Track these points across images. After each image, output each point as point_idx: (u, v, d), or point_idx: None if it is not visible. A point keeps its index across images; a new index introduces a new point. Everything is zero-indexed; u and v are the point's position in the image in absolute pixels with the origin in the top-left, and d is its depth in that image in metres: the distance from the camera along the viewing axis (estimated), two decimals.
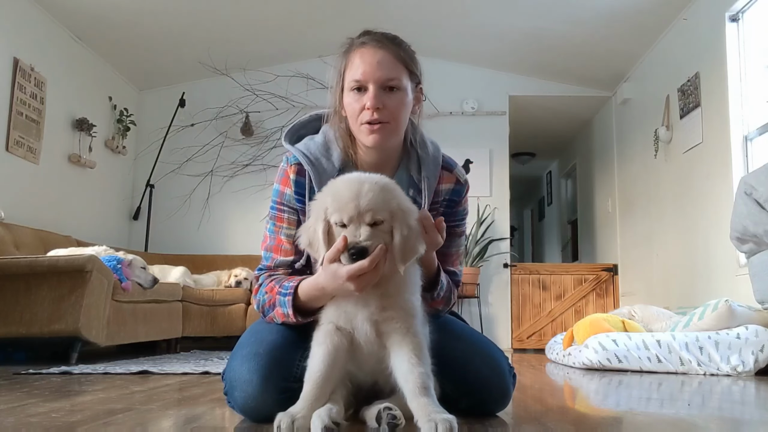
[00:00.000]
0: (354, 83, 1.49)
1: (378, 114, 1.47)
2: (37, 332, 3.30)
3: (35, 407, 1.73)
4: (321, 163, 1.55)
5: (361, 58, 1.49)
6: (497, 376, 1.55)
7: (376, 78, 1.47)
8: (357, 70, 1.49)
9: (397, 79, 1.49)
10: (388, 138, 1.52)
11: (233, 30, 5.55)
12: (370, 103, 1.47)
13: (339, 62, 1.55)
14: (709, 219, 4.44)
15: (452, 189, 1.63)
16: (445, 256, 1.63)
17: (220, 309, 5.04)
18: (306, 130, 1.66)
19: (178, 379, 2.68)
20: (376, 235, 1.31)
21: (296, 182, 1.55)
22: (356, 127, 1.52)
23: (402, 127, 1.55)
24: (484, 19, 5.44)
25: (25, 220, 4.39)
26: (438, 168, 1.62)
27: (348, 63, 1.52)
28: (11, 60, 4.39)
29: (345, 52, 1.54)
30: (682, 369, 3.34)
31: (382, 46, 1.50)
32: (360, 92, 1.49)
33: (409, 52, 1.56)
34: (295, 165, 1.56)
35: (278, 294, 1.48)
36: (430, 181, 1.59)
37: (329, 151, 1.58)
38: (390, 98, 1.49)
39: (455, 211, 1.65)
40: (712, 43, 4.41)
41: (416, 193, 1.59)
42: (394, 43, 1.53)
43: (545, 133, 7.89)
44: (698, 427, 1.56)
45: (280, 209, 1.58)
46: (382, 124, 1.48)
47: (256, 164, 6.22)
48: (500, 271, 6.27)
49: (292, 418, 1.26)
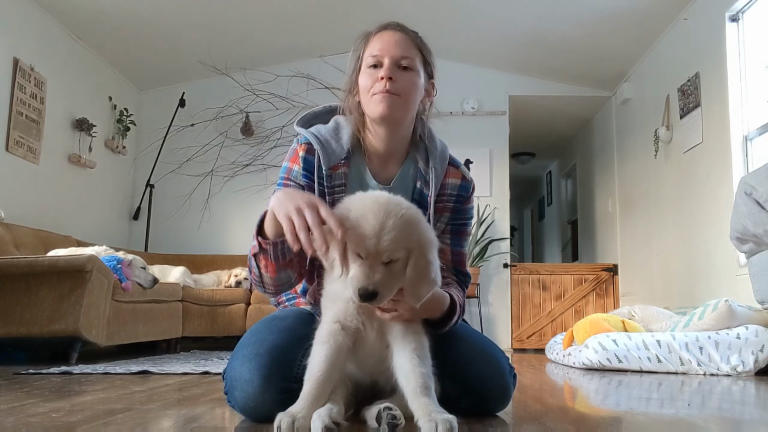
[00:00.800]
0: (371, 59, 1.55)
1: (390, 85, 1.51)
2: (37, 332, 3.30)
3: (35, 407, 1.73)
4: (330, 145, 1.58)
5: (379, 39, 1.57)
6: (498, 375, 1.55)
7: (392, 54, 1.54)
8: (375, 48, 1.56)
9: (412, 59, 1.55)
10: (397, 111, 1.54)
11: (233, 30, 5.55)
12: (384, 73, 1.52)
13: (359, 47, 1.61)
14: (709, 219, 4.44)
15: (459, 185, 1.66)
16: (459, 255, 1.66)
17: (220, 309, 5.03)
18: (318, 120, 1.69)
19: (178, 379, 2.67)
20: (391, 275, 1.28)
21: (305, 159, 1.58)
22: (367, 98, 1.55)
23: (411, 108, 1.58)
24: (485, 19, 5.44)
25: (25, 220, 4.39)
26: (445, 162, 1.65)
27: (367, 46, 1.59)
28: (11, 60, 4.39)
29: (364, 37, 1.61)
30: (682, 369, 3.34)
31: (402, 30, 1.59)
32: (376, 68, 1.54)
33: (426, 45, 1.63)
34: (305, 144, 1.60)
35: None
36: (437, 171, 1.62)
37: (339, 135, 1.61)
38: (403, 75, 1.54)
39: (464, 208, 1.67)
40: (712, 43, 4.41)
41: (424, 184, 1.61)
42: (412, 32, 1.61)
43: (545, 133, 7.89)
44: (698, 427, 1.56)
45: (287, 184, 1.60)
46: (392, 95, 1.52)
47: (256, 164, 6.22)
48: (500, 271, 6.27)
49: (292, 418, 1.25)
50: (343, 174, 1.58)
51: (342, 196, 1.52)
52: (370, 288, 1.24)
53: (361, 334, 1.37)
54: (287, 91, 6.21)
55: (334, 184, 1.57)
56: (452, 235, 1.66)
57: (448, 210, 1.64)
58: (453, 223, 1.66)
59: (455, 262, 1.66)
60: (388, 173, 1.63)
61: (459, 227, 1.67)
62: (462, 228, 1.67)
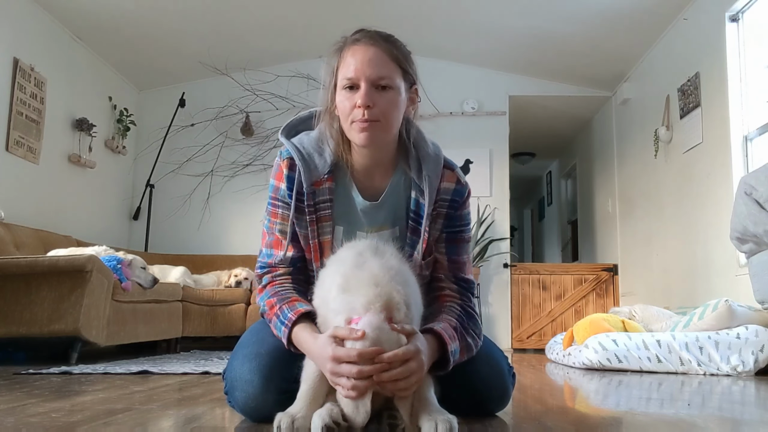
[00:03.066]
0: (346, 81, 1.46)
1: (368, 113, 1.44)
2: (37, 332, 3.30)
3: (35, 407, 1.73)
4: (313, 159, 1.53)
5: (353, 56, 1.46)
6: (497, 375, 1.55)
7: (368, 75, 1.44)
8: (349, 68, 1.46)
9: (389, 78, 1.46)
10: (378, 136, 1.48)
11: (233, 30, 5.55)
12: (361, 101, 1.43)
13: (332, 60, 1.52)
14: (709, 219, 4.44)
15: (453, 189, 1.57)
16: (457, 263, 1.58)
17: (220, 309, 5.03)
18: (304, 126, 1.64)
19: (178, 379, 2.67)
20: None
21: (288, 177, 1.54)
22: (347, 125, 1.49)
23: (393, 127, 1.51)
24: (485, 19, 5.44)
25: (25, 220, 4.39)
26: (439, 166, 1.57)
27: (341, 61, 1.49)
28: (11, 60, 4.39)
29: (338, 49, 1.51)
30: (682, 369, 3.34)
31: (375, 44, 1.47)
32: (352, 90, 1.46)
33: (403, 51, 1.52)
34: (288, 159, 1.54)
35: (276, 317, 1.46)
36: (431, 179, 1.54)
37: (322, 146, 1.55)
38: (381, 97, 1.45)
39: (459, 214, 1.59)
40: (712, 43, 4.41)
41: (419, 193, 1.54)
42: (388, 41, 1.50)
43: (545, 133, 7.89)
44: (698, 427, 1.56)
45: (275, 204, 1.57)
46: (372, 123, 1.45)
47: (256, 164, 6.22)
48: (500, 271, 6.27)
49: (291, 418, 1.26)
50: (328, 189, 1.53)
51: (329, 213, 1.52)
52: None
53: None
54: (287, 91, 6.21)
55: (317, 201, 1.52)
56: (447, 244, 1.57)
57: (442, 216, 1.56)
58: (448, 231, 1.57)
59: (453, 270, 1.57)
60: (375, 187, 1.57)
61: (455, 235, 1.58)
62: (458, 236, 1.58)
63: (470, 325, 1.51)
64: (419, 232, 1.53)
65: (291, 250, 1.55)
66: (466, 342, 1.47)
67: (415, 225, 1.54)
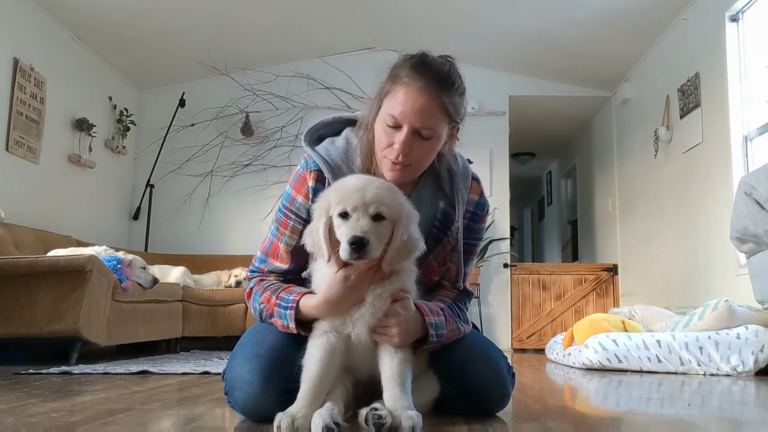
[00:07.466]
0: (390, 119, 1.44)
1: (403, 158, 1.44)
2: (37, 332, 3.30)
3: (35, 407, 1.73)
4: (342, 171, 1.51)
5: (405, 95, 1.43)
6: (496, 376, 1.55)
7: (412, 122, 1.42)
8: (397, 107, 1.43)
9: (433, 129, 1.44)
10: (407, 177, 1.50)
11: (233, 30, 5.54)
12: (399, 147, 1.43)
13: (383, 84, 1.49)
14: (709, 219, 4.44)
15: (477, 201, 1.63)
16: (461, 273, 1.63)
17: (220, 309, 5.03)
18: (326, 131, 1.62)
19: (178, 379, 2.67)
20: (378, 230, 1.32)
21: (315, 189, 1.50)
22: (379, 156, 1.49)
23: (423, 168, 1.53)
24: (485, 19, 5.44)
25: (25, 220, 4.39)
26: (468, 179, 1.61)
27: (391, 92, 1.46)
28: (11, 60, 4.39)
29: (392, 77, 1.47)
30: (682, 369, 3.34)
31: (429, 92, 1.43)
32: (393, 129, 1.44)
33: (455, 99, 1.48)
34: (315, 171, 1.51)
35: (277, 306, 1.47)
36: (462, 193, 1.58)
37: (350, 158, 1.54)
38: (420, 144, 1.45)
39: (477, 227, 1.65)
40: (712, 43, 4.41)
41: (448, 205, 1.57)
42: (443, 87, 1.46)
43: (545, 133, 7.89)
44: (698, 427, 1.56)
45: (287, 215, 1.54)
46: (405, 166, 1.46)
47: (256, 164, 6.22)
48: (500, 271, 6.27)
49: (291, 418, 1.26)
50: None
51: None
52: (359, 234, 1.29)
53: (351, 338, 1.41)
54: (287, 91, 6.21)
55: None
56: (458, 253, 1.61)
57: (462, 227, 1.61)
58: (464, 242, 1.62)
59: (457, 278, 1.63)
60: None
61: (468, 246, 1.63)
62: (471, 248, 1.64)
63: (458, 312, 1.57)
64: (441, 240, 1.57)
65: (288, 264, 1.56)
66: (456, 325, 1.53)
67: (438, 233, 1.57)
